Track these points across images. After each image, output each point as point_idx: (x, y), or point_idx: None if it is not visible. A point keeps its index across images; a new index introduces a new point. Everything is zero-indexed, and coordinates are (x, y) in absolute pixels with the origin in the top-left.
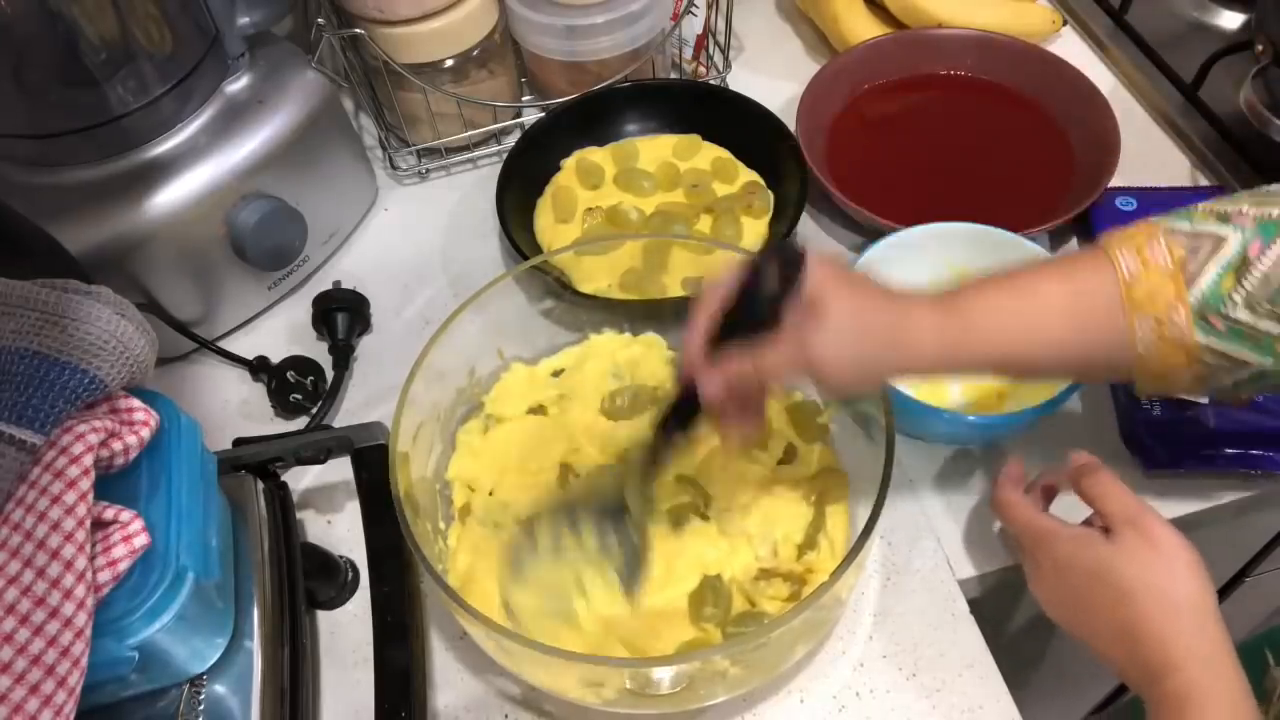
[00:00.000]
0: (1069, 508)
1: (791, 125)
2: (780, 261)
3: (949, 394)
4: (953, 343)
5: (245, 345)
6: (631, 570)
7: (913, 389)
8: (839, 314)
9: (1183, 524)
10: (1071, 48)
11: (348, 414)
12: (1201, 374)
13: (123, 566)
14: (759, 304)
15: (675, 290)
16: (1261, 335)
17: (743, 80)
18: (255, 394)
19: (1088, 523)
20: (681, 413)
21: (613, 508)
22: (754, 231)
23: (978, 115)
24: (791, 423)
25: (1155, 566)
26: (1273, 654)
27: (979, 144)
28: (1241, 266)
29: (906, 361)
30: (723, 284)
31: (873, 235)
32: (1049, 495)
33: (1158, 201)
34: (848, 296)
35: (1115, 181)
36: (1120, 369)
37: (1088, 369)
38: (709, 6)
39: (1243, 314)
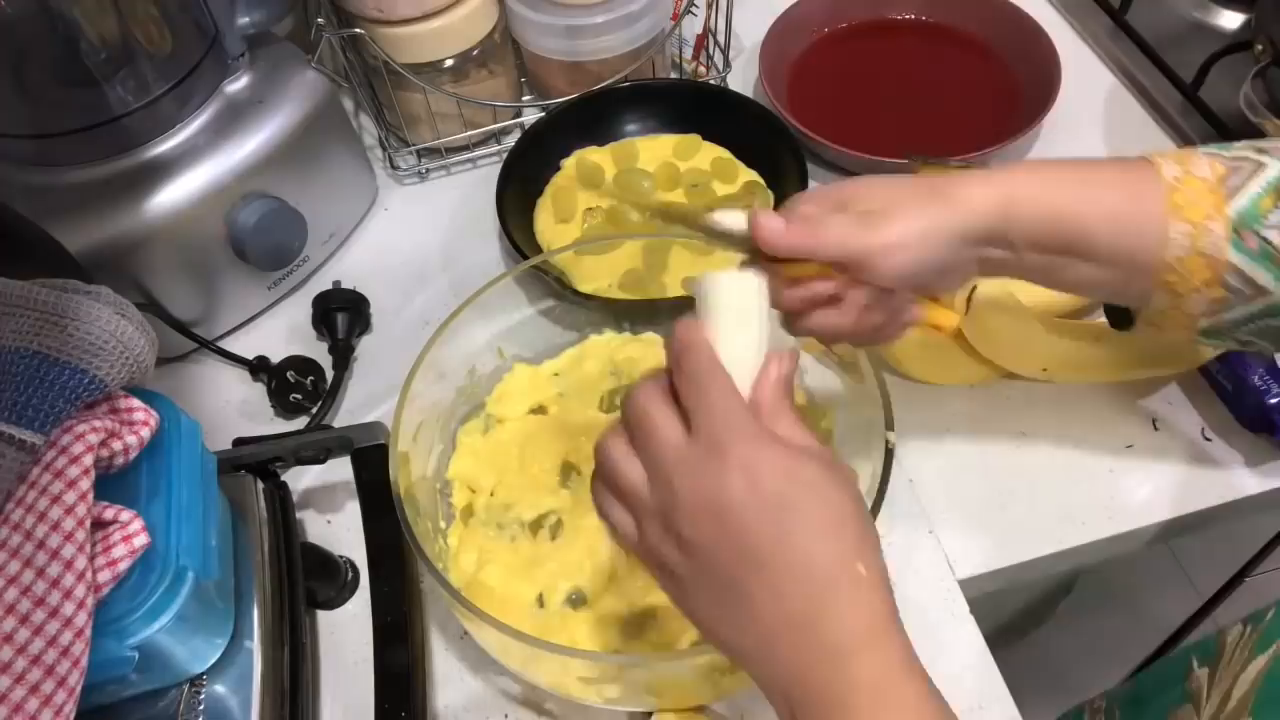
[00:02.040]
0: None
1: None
2: None
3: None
4: (1006, 198)
5: (245, 345)
6: None
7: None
8: (897, 209)
9: None
10: (1071, 47)
11: (348, 414)
12: (1217, 300)
13: (123, 566)
14: None
15: (675, 290)
16: None
17: (743, 80)
18: (255, 394)
19: None
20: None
21: None
22: None
23: (930, 55)
24: None
25: (849, 496)
26: (1197, 659)
27: (932, 80)
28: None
29: (960, 218)
30: None
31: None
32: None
33: None
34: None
35: None
36: (1143, 277)
37: (1130, 262)
38: (709, 6)
39: (1275, 235)
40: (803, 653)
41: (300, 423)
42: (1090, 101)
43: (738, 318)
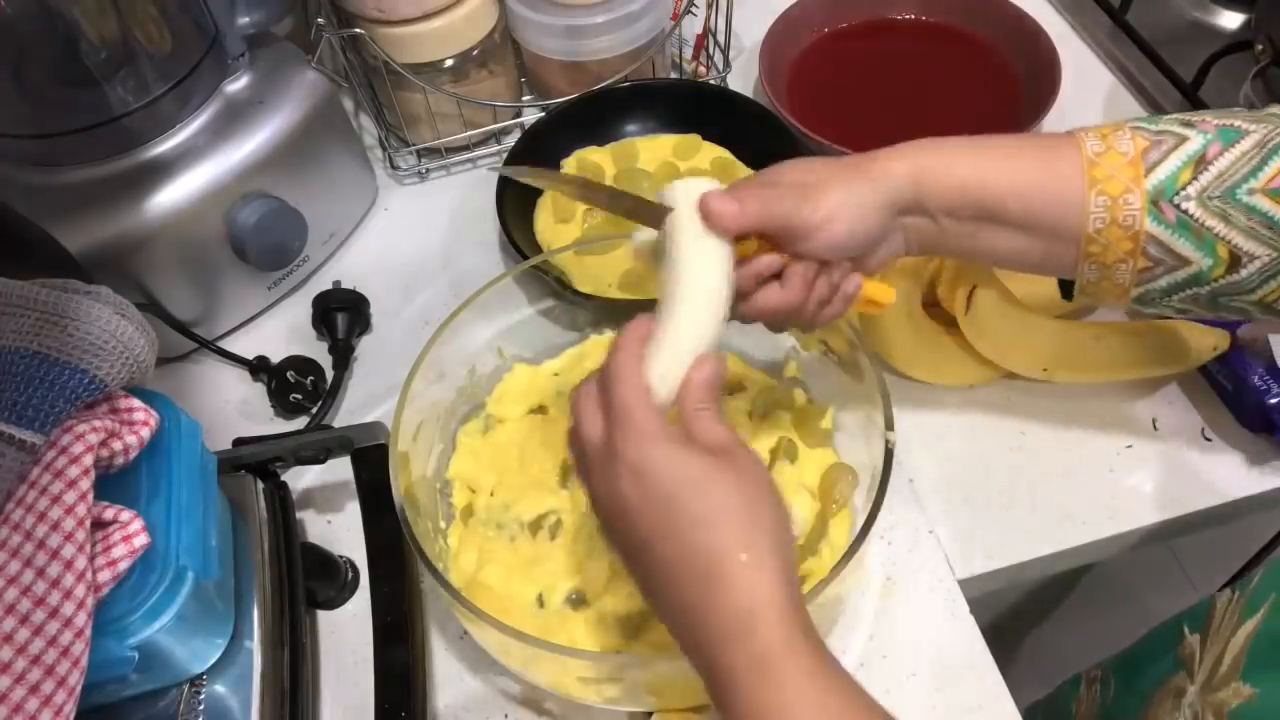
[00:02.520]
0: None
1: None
2: None
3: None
4: (918, 168)
5: (245, 345)
6: None
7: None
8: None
9: None
10: (1071, 47)
11: (348, 414)
12: (1142, 271)
13: (123, 566)
14: None
15: None
16: (1205, 232)
17: (743, 80)
18: (255, 394)
19: None
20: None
21: None
22: None
23: (930, 55)
24: (795, 425)
25: (741, 490)
26: (1188, 625)
27: (932, 80)
28: (1200, 162)
29: (881, 189)
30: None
31: None
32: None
33: None
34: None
35: None
36: (1066, 247)
37: (1052, 232)
38: (709, 6)
39: (1193, 206)
40: (697, 634)
41: (300, 423)
42: (1090, 101)
43: (699, 255)
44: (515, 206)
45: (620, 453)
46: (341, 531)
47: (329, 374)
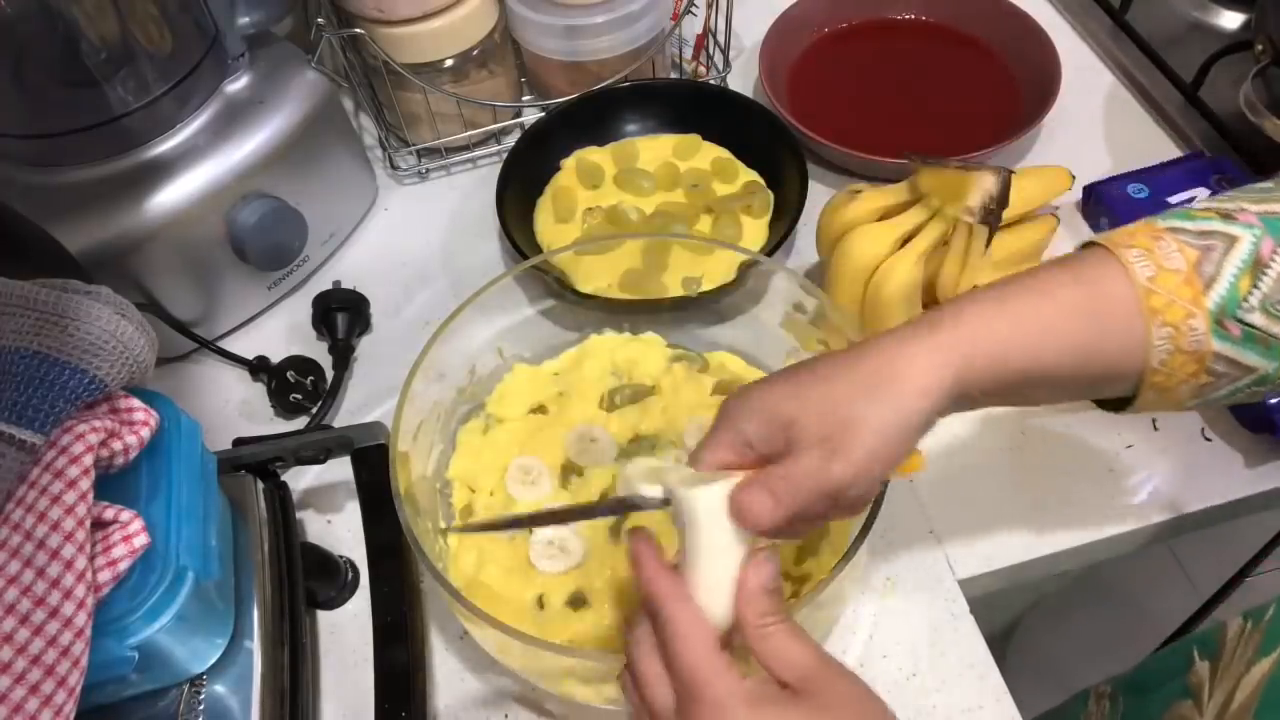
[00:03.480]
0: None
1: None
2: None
3: None
4: (959, 368)
5: (245, 345)
6: None
7: None
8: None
9: None
10: (1071, 47)
11: (348, 414)
12: (1204, 385)
13: (123, 566)
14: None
15: (675, 290)
16: (1272, 340)
17: (743, 80)
18: (255, 394)
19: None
20: None
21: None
22: (754, 231)
23: (930, 55)
24: None
25: None
26: (1199, 650)
27: (932, 80)
28: (1255, 267)
29: (916, 407)
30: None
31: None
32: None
33: (1166, 184)
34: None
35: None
36: (1123, 381)
37: (1105, 380)
38: (709, 6)
39: (1258, 318)
40: None
41: (300, 423)
42: (1090, 101)
43: (721, 536)
44: (515, 206)
45: None
46: (341, 531)
47: (329, 374)
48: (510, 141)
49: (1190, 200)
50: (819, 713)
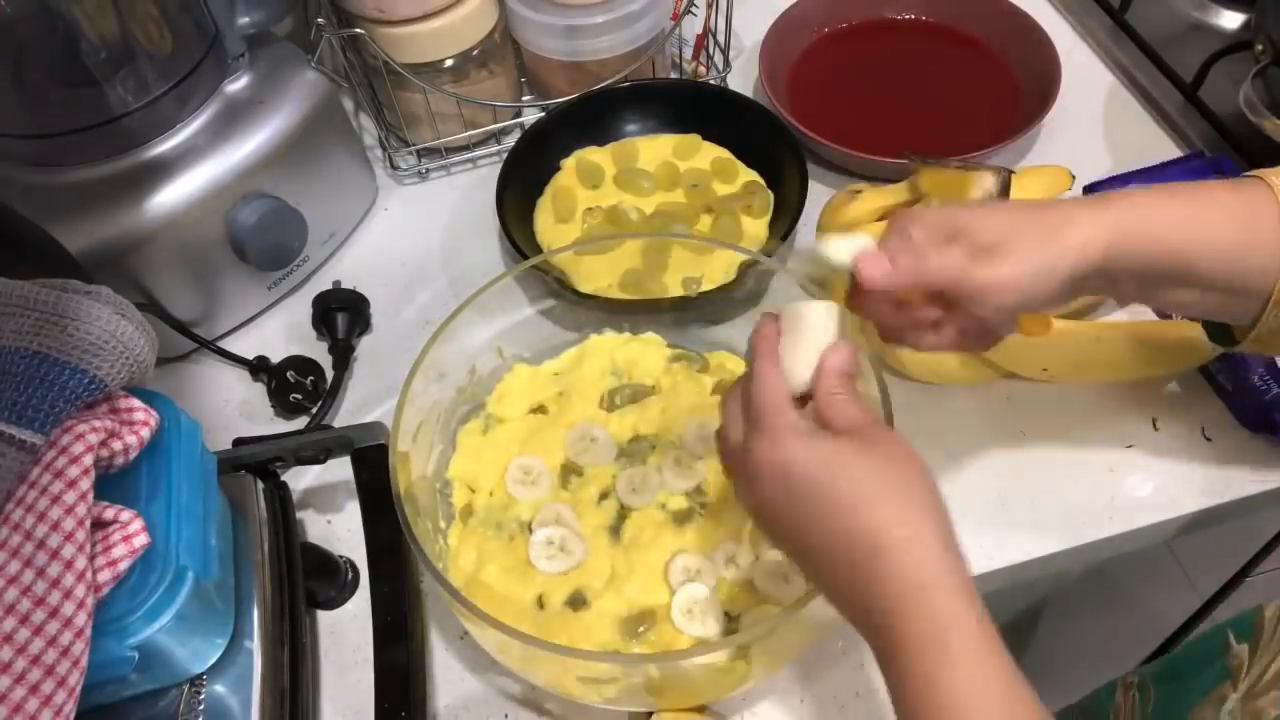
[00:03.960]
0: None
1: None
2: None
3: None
4: (1117, 235)
5: (245, 345)
6: None
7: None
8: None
9: None
10: (1071, 47)
11: (348, 414)
12: None
13: (123, 566)
14: None
15: (675, 290)
16: None
17: (743, 80)
18: (255, 394)
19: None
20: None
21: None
22: (754, 231)
23: (930, 55)
24: None
25: (889, 470)
26: (1235, 634)
27: (932, 80)
28: None
29: (1072, 260)
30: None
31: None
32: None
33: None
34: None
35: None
36: (1254, 299)
37: (1239, 292)
38: (709, 6)
39: None
40: (855, 611)
41: (300, 423)
42: (1090, 101)
43: (814, 339)
44: (515, 206)
45: (760, 454)
46: (341, 531)
47: (329, 374)
48: (510, 141)
49: None
50: (865, 447)
